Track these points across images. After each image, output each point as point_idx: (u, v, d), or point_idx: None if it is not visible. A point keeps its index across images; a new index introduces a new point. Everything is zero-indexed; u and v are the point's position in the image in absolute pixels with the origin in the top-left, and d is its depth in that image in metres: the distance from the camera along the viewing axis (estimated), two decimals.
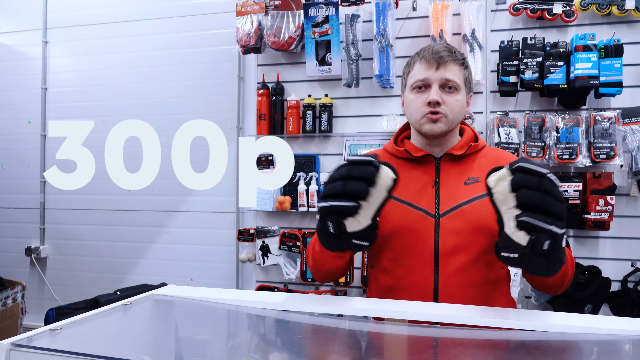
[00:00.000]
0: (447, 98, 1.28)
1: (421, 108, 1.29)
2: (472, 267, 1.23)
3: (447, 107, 1.27)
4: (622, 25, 2.38)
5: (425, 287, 1.23)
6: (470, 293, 1.22)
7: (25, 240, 3.41)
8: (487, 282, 1.25)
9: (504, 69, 2.36)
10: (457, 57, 1.30)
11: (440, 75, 1.27)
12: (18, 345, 0.77)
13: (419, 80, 1.30)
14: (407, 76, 1.37)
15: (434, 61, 1.28)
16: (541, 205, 0.87)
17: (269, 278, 2.78)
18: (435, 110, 1.27)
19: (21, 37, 3.48)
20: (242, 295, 1.14)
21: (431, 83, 1.28)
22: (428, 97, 1.27)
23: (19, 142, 3.44)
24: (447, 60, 1.27)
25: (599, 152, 2.23)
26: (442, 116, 1.27)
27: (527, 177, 0.88)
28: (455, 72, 1.29)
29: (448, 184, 1.30)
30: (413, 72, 1.33)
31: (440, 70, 1.27)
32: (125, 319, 1.03)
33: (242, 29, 2.71)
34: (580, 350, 0.97)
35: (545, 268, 0.96)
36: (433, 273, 1.23)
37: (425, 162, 1.34)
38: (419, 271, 1.24)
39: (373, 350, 1.05)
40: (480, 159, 1.35)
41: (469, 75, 1.34)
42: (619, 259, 2.34)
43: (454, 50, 1.31)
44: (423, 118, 1.29)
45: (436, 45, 1.32)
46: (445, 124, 1.28)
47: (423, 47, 1.34)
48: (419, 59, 1.31)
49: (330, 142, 2.72)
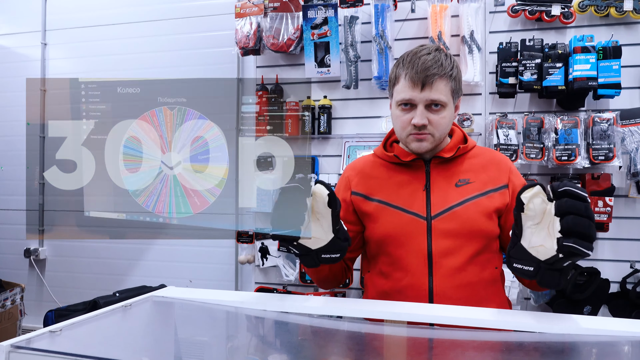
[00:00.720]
0: (432, 117, 1.26)
1: (407, 127, 1.28)
2: (465, 268, 1.23)
3: (433, 127, 1.26)
4: (621, 26, 2.38)
5: (420, 289, 1.24)
6: (465, 294, 1.23)
7: (24, 241, 3.40)
8: (481, 283, 1.26)
9: (502, 70, 2.36)
10: (444, 71, 1.24)
11: (426, 96, 1.24)
12: (18, 347, 0.77)
13: (404, 99, 1.27)
14: (392, 87, 1.33)
15: (419, 81, 1.23)
16: (586, 232, 0.88)
17: (268, 279, 2.78)
18: (421, 132, 1.26)
19: (20, 39, 3.48)
20: (241, 297, 1.14)
21: (417, 103, 1.25)
22: (413, 118, 1.25)
23: (18, 143, 3.44)
24: (434, 80, 1.23)
25: (598, 153, 2.24)
26: (429, 135, 1.27)
27: (576, 204, 0.89)
28: (441, 89, 1.24)
29: (439, 186, 1.30)
30: (398, 87, 1.29)
31: (425, 91, 1.23)
32: (124, 320, 1.03)
33: (241, 30, 2.72)
34: (579, 351, 0.97)
35: (557, 281, 0.97)
36: (427, 275, 1.24)
37: (415, 166, 1.34)
38: (414, 274, 1.25)
39: (372, 352, 1.05)
40: (470, 159, 1.35)
41: (456, 84, 1.29)
42: (617, 261, 2.34)
43: (441, 62, 1.25)
44: (409, 137, 1.29)
45: (422, 57, 1.25)
46: (431, 142, 1.28)
47: (410, 56, 1.27)
48: (404, 75, 1.26)
49: (330, 144, 2.72)
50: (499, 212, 1.30)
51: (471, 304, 1.18)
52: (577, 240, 0.88)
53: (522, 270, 0.98)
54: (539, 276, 0.96)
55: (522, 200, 0.94)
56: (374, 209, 1.32)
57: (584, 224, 0.88)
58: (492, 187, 1.30)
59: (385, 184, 1.34)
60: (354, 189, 1.38)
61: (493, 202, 1.28)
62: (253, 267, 2.81)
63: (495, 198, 1.29)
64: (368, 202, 1.34)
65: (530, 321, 0.98)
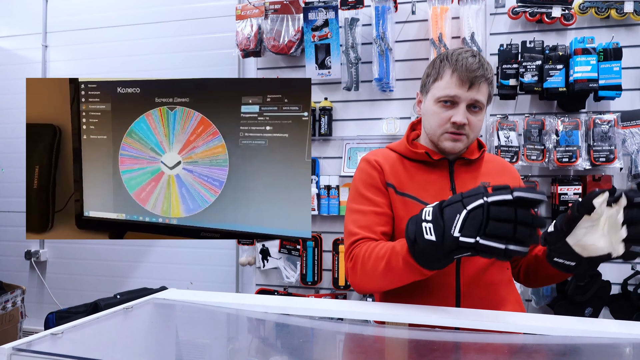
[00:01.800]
0: (472, 119, 1.25)
1: (444, 124, 1.26)
2: (489, 268, 1.25)
3: (470, 128, 1.25)
4: (621, 28, 2.38)
5: (447, 289, 1.23)
6: (489, 293, 1.24)
7: (25, 243, 3.41)
8: (502, 283, 1.28)
9: (503, 72, 2.36)
10: (488, 75, 1.25)
11: (471, 95, 1.23)
12: (19, 350, 0.77)
13: (448, 96, 1.24)
14: (432, 83, 1.30)
15: (468, 80, 1.22)
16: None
17: (269, 281, 2.78)
18: (459, 131, 1.25)
19: (21, 41, 3.49)
20: (242, 299, 1.14)
21: (460, 102, 1.24)
22: (454, 116, 1.24)
23: (19, 145, 3.44)
24: (480, 81, 1.23)
25: (599, 155, 2.24)
26: (464, 136, 1.26)
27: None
28: (484, 92, 1.25)
29: (464, 187, 1.29)
30: (442, 83, 1.26)
31: (471, 90, 1.23)
32: (126, 323, 1.03)
33: (242, 32, 2.72)
34: (581, 353, 0.97)
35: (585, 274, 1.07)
36: (455, 275, 1.24)
37: (440, 165, 1.33)
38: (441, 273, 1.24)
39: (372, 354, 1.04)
40: (487, 163, 1.37)
41: (492, 90, 1.31)
42: (619, 262, 2.34)
43: (486, 67, 1.25)
44: (444, 134, 1.27)
45: (469, 58, 1.24)
46: (465, 144, 1.28)
47: (455, 55, 1.26)
48: (452, 72, 1.24)
49: (330, 146, 2.73)
50: None
51: (495, 302, 1.22)
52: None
53: (563, 265, 1.06)
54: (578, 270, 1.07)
55: (594, 205, 0.99)
56: (403, 204, 1.29)
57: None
58: None
59: (412, 179, 1.31)
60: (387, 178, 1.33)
61: None
62: (254, 269, 2.81)
63: None
64: (397, 195, 1.31)
65: (532, 323, 0.97)
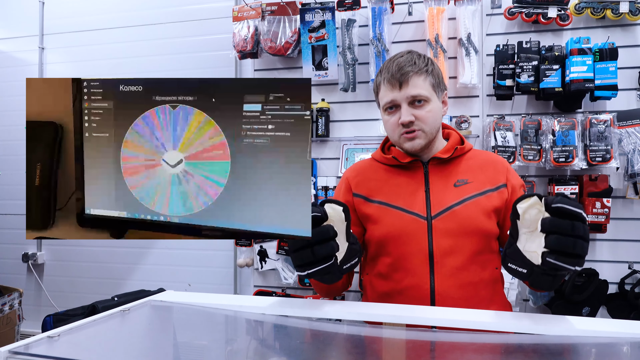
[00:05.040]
0: (418, 113, 1.28)
1: (396, 128, 1.31)
2: (467, 267, 1.24)
3: (421, 122, 1.29)
4: (617, 28, 2.39)
5: (422, 289, 1.24)
6: (467, 294, 1.23)
7: (22, 246, 3.40)
8: (482, 283, 1.26)
9: (499, 72, 2.37)
10: (418, 68, 1.28)
11: (406, 93, 1.27)
12: (16, 353, 0.77)
13: (387, 102, 1.31)
14: (377, 96, 1.38)
15: (396, 81, 1.28)
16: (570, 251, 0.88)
17: (267, 283, 2.77)
18: (409, 129, 1.29)
19: (17, 43, 3.48)
20: (240, 301, 1.14)
21: (399, 103, 1.29)
22: (400, 117, 1.29)
23: (15, 148, 3.44)
24: (409, 76, 1.27)
25: (595, 155, 2.24)
26: (419, 131, 1.29)
27: (561, 224, 0.89)
28: (419, 84, 1.28)
29: (437, 186, 1.32)
30: (381, 93, 1.34)
31: (404, 89, 1.27)
32: (123, 325, 1.02)
33: (239, 34, 2.72)
34: (578, 353, 0.97)
35: (550, 284, 1.00)
36: (429, 275, 1.24)
37: (414, 167, 1.36)
38: (415, 274, 1.25)
39: (371, 355, 1.04)
40: (468, 160, 1.37)
41: (436, 79, 1.32)
42: (616, 262, 2.35)
43: (414, 61, 1.29)
44: (400, 137, 1.31)
45: (399, 59, 1.30)
46: (423, 138, 1.30)
47: (385, 63, 1.33)
48: (383, 80, 1.32)
49: (328, 147, 2.73)
50: (498, 212, 1.31)
51: (472, 304, 1.19)
52: (559, 257, 0.88)
53: (516, 271, 0.99)
54: (532, 278, 0.98)
55: (517, 210, 0.96)
56: (374, 210, 1.33)
57: (567, 244, 0.88)
58: (490, 187, 1.31)
59: (385, 185, 1.35)
60: (355, 190, 1.39)
61: (492, 202, 1.29)
62: (252, 271, 2.81)
63: (494, 197, 1.30)
64: (369, 203, 1.35)
65: (529, 323, 0.98)
